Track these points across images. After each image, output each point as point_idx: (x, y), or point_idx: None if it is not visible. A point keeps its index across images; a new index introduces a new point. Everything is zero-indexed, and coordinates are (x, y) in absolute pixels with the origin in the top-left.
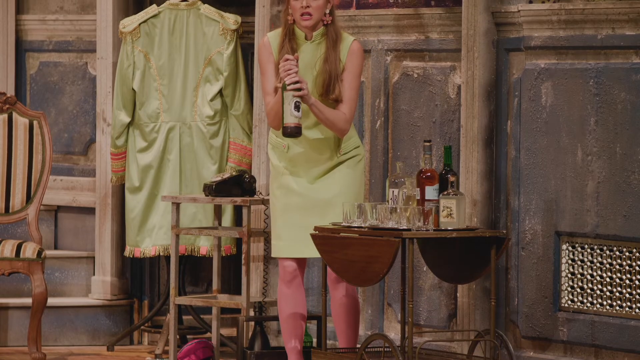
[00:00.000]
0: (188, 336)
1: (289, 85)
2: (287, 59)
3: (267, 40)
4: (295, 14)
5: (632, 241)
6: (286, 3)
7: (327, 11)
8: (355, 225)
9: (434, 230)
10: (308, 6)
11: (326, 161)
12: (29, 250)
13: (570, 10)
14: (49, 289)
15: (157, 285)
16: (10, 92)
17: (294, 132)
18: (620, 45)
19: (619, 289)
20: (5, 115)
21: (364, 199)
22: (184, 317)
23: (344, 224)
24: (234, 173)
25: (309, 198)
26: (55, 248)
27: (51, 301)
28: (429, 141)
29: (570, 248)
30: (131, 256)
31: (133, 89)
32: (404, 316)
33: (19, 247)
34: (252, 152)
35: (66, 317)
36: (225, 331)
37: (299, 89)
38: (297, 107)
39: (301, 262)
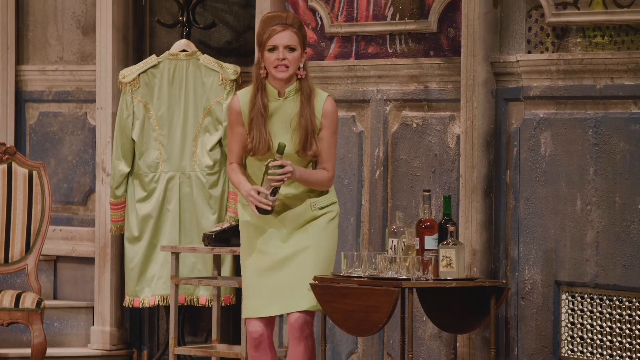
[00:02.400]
0: None
1: (272, 183)
2: (284, 165)
3: (237, 99)
4: (268, 66)
5: (632, 291)
6: (259, 56)
7: (301, 65)
8: (355, 275)
9: (434, 280)
10: (284, 58)
11: (299, 215)
12: (28, 301)
13: (569, 61)
14: (48, 339)
15: (157, 335)
16: (10, 142)
17: (266, 213)
18: (619, 95)
19: (618, 338)
20: (5, 166)
21: (334, 256)
22: None
23: (343, 273)
24: (233, 223)
25: (278, 256)
26: (55, 298)
27: (50, 351)
28: (428, 191)
29: (569, 298)
30: (130, 306)
31: (132, 139)
32: None
33: (18, 297)
34: None
35: None
36: None
37: (281, 180)
38: (273, 193)
39: (268, 324)
